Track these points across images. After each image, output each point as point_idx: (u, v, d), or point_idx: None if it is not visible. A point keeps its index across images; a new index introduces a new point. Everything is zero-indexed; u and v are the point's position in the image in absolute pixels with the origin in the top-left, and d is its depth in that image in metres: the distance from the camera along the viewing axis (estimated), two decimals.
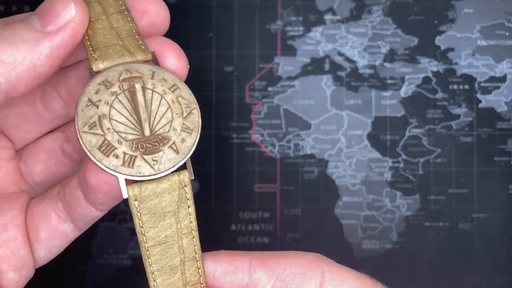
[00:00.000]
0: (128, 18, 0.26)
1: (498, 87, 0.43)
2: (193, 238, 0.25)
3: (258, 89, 0.43)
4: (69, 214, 0.26)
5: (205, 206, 0.43)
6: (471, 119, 0.43)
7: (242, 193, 0.43)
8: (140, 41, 0.25)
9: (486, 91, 0.43)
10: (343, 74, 0.43)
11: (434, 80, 0.43)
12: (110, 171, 0.23)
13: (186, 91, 0.25)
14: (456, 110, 0.43)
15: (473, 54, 0.43)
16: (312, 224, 0.43)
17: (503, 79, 0.43)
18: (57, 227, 0.27)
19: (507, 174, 0.43)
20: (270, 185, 0.43)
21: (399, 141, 0.43)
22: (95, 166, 0.23)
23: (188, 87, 0.25)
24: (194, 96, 0.25)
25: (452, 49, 0.43)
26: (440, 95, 0.43)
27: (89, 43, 0.25)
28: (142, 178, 0.23)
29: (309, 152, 0.43)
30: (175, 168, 0.24)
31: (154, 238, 0.24)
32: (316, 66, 0.43)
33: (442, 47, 0.43)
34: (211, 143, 0.43)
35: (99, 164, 0.23)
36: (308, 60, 0.43)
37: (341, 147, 0.43)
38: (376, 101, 0.43)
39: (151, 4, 0.26)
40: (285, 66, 0.43)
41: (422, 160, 0.43)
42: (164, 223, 0.24)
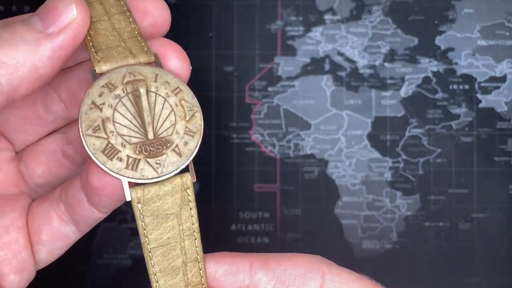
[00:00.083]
0: (130, 19, 0.26)
1: (498, 87, 0.43)
2: (195, 239, 0.25)
3: (258, 89, 0.43)
4: (71, 216, 0.26)
5: (205, 206, 0.43)
6: (471, 119, 0.43)
7: (242, 193, 0.43)
8: (143, 43, 0.25)
9: (486, 91, 0.43)
10: (343, 74, 0.43)
11: (434, 80, 0.43)
12: (114, 174, 0.23)
13: (189, 94, 0.25)
14: (456, 110, 0.43)
15: (473, 54, 0.43)
16: (312, 224, 0.43)
17: (503, 79, 0.43)
18: (59, 229, 0.27)
19: (507, 174, 0.43)
20: (270, 185, 0.43)
21: (399, 141, 0.43)
22: (98, 168, 0.23)
23: (190, 90, 0.25)
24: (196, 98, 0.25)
25: (452, 49, 0.43)
26: (440, 95, 0.43)
27: (91, 44, 0.25)
28: (145, 181, 0.23)
29: (309, 152, 0.43)
30: (178, 171, 0.24)
31: (156, 240, 0.24)
32: (316, 66, 0.43)
33: (442, 47, 0.43)
34: (211, 143, 0.43)
35: (103, 167, 0.23)
36: (308, 60, 0.43)
37: (341, 147, 0.43)
38: (376, 101, 0.43)
39: (152, 4, 0.26)
40: (285, 66, 0.43)
41: (422, 160, 0.43)
42: (167, 225, 0.24)
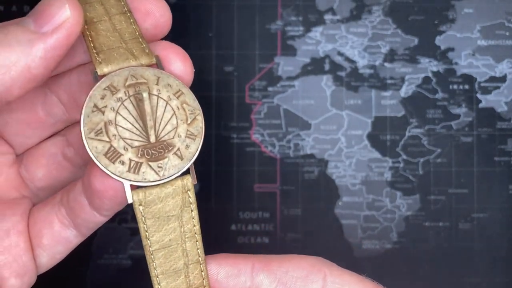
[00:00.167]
0: (131, 20, 0.25)
1: (498, 87, 0.43)
2: (197, 241, 0.25)
3: (258, 89, 0.43)
4: (73, 220, 0.26)
5: (205, 206, 0.43)
6: (471, 119, 0.43)
7: (242, 193, 0.43)
8: (144, 44, 0.25)
9: (486, 91, 0.43)
10: (343, 74, 0.43)
11: (434, 80, 0.43)
12: (116, 177, 0.23)
13: (190, 96, 0.25)
14: (456, 110, 0.43)
15: (473, 54, 0.43)
16: (312, 224, 0.43)
17: (503, 79, 0.43)
18: (60, 233, 0.27)
19: (507, 174, 0.43)
20: (270, 185, 0.43)
21: (399, 141, 0.43)
22: (100, 171, 0.23)
23: (192, 93, 0.25)
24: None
25: (452, 49, 0.43)
26: (440, 95, 0.43)
27: (92, 45, 0.25)
28: (147, 184, 0.23)
29: (309, 152, 0.43)
30: (179, 174, 0.24)
31: (158, 242, 0.24)
32: (316, 66, 0.43)
33: (442, 47, 0.43)
34: (211, 143, 0.43)
35: (105, 170, 0.23)
36: (308, 60, 0.43)
37: (341, 147, 0.43)
38: (376, 101, 0.43)
39: (154, 5, 0.26)
40: (285, 66, 0.43)
41: (422, 160, 0.43)
42: (168, 227, 0.24)
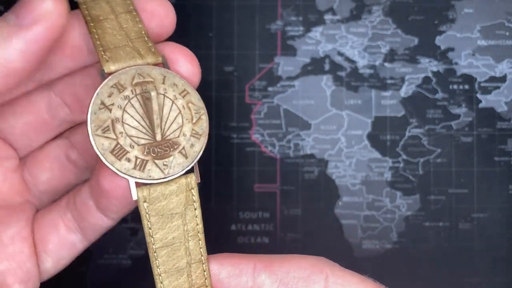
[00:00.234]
0: (137, 18, 0.26)
1: (498, 87, 0.43)
2: (199, 240, 0.25)
3: (258, 89, 0.43)
4: (79, 223, 0.26)
5: (205, 206, 0.42)
6: (471, 119, 0.43)
7: (242, 193, 0.43)
8: (150, 43, 0.25)
9: (486, 91, 0.43)
10: (343, 74, 0.43)
11: (434, 80, 0.43)
12: (122, 174, 0.23)
13: (196, 96, 0.25)
14: (456, 110, 0.43)
15: (473, 54, 0.43)
16: (312, 224, 0.43)
17: (503, 79, 0.43)
18: (66, 238, 0.27)
19: (507, 174, 0.43)
20: (270, 185, 0.43)
21: (399, 141, 0.43)
22: (109, 171, 0.23)
23: (197, 92, 0.25)
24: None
25: (452, 49, 0.43)
26: (440, 95, 0.43)
27: (99, 42, 0.25)
28: (152, 181, 0.24)
29: (309, 152, 0.43)
30: (184, 172, 0.24)
31: (161, 239, 0.24)
32: (316, 66, 0.43)
33: (442, 47, 0.43)
34: (211, 143, 0.43)
35: (111, 167, 0.23)
36: (308, 60, 0.43)
37: (341, 147, 0.43)
38: (376, 101, 0.43)
39: (159, 5, 0.26)
40: (285, 66, 0.43)
41: (422, 160, 0.43)
42: (172, 225, 0.24)
